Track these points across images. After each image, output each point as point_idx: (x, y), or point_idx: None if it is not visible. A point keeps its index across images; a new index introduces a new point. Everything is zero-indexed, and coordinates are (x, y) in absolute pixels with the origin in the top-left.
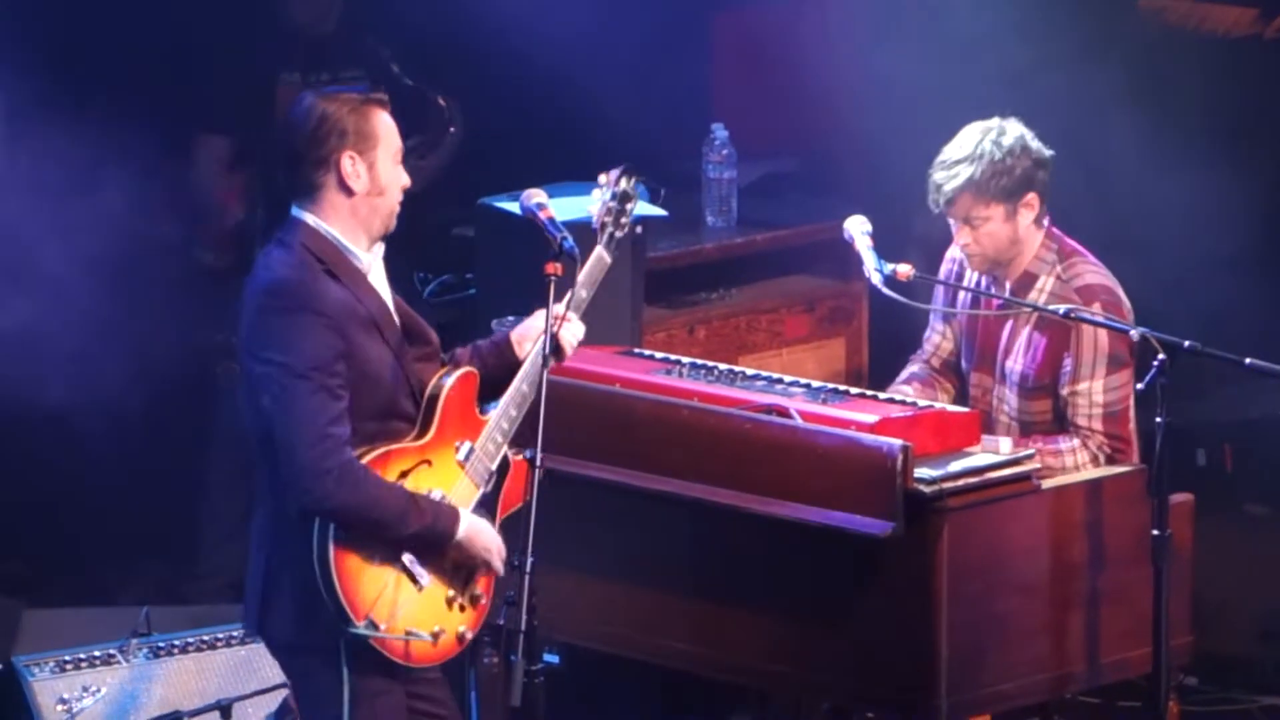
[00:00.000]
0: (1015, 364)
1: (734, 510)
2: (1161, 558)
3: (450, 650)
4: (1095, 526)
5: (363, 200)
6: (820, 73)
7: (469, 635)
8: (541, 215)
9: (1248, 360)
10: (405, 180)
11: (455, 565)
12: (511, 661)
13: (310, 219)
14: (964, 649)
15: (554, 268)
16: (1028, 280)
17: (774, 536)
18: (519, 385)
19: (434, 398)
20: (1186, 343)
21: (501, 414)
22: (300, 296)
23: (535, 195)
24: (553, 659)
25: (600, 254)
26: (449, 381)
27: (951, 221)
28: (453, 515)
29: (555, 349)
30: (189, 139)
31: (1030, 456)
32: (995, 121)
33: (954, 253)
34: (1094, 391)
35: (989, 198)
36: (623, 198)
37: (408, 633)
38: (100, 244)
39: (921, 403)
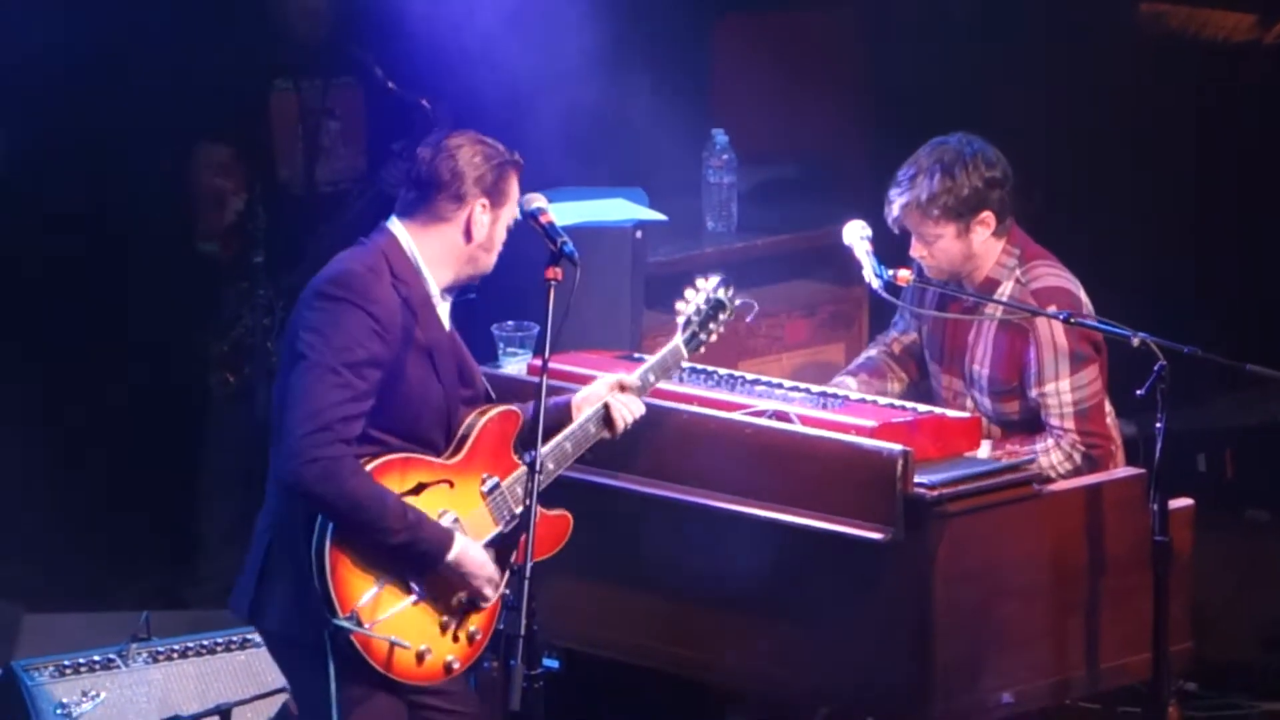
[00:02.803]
0: (982, 368)
1: (733, 515)
2: (1162, 563)
3: (435, 675)
4: (1095, 532)
5: (473, 249)
6: (821, 78)
7: (457, 667)
8: (541, 220)
9: (1249, 366)
10: (500, 247)
11: (453, 589)
12: (511, 666)
13: (405, 238)
14: (962, 654)
15: (554, 272)
16: (989, 286)
17: (773, 541)
18: (562, 441)
19: (471, 426)
20: (1186, 348)
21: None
22: (357, 291)
23: (535, 200)
24: (552, 664)
25: (678, 345)
26: (490, 414)
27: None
28: (445, 536)
29: (608, 422)
30: (187, 146)
31: (1031, 462)
32: (954, 138)
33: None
34: (1061, 391)
35: (936, 217)
36: (716, 305)
37: (393, 640)
38: (100, 250)
39: (921, 408)
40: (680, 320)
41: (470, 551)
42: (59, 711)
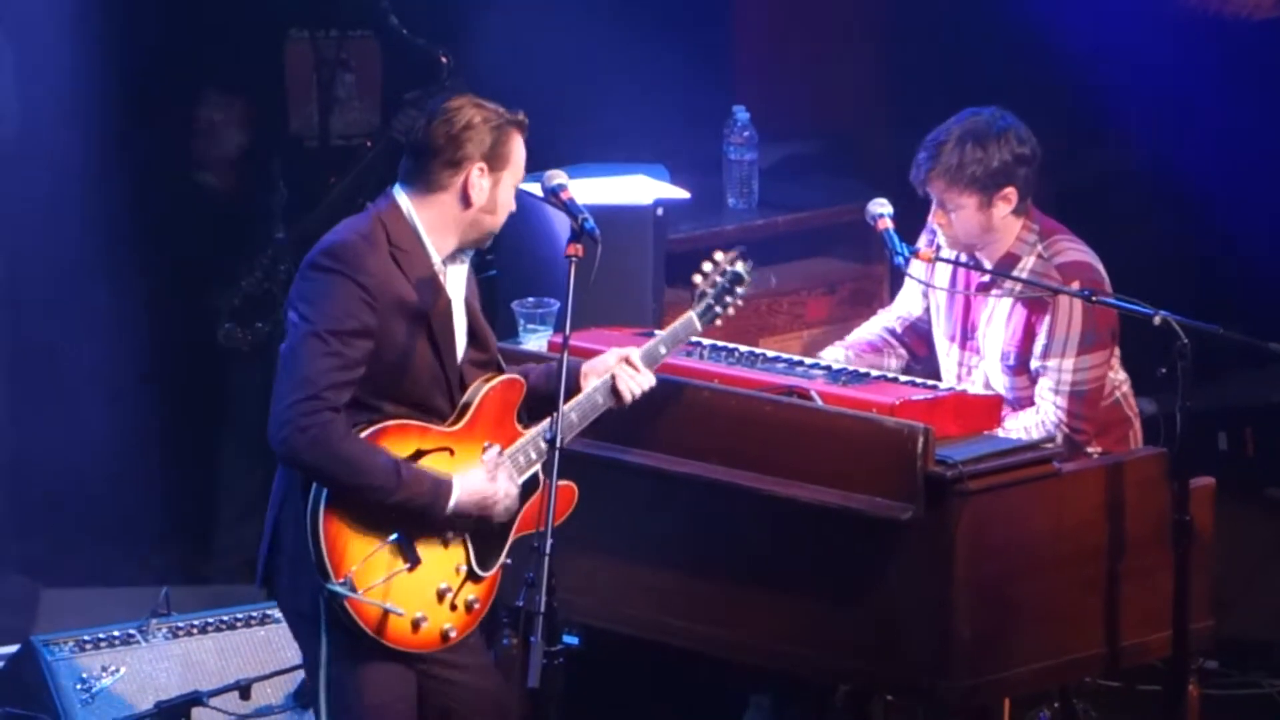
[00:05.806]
0: (997, 342)
1: (753, 492)
2: (1182, 542)
3: (430, 643)
4: (1116, 510)
5: (473, 213)
6: (843, 53)
7: (454, 635)
8: (563, 196)
9: (1271, 344)
10: (513, 206)
11: (452, 553)
12: (531, 643)
13: (405, 204)
14: (983, 632)
15: (575, 249)
16: (1010, 261)
17: (794, 519)
18: (568, 411)
19: (474, 394)
20: (1209, 326)
21: (541, 432)
22: (348, 262)
23: (556, 176)
24: (572, 640)
25: (691, 318)
26: (493, 382)
27: (932, 197)
28: (443, 485)
29: (615, 394)
30: (198, 97)
31: (1051, 439)
32: (989, 110)
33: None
34: (1064, 369)
35: (961, 186)
36: (734, 279)
37: (387, 606)
38: (107, 212)
39: (943, 386)
40: (694, 294)
41: (470, 485)
42: (78, 686)
